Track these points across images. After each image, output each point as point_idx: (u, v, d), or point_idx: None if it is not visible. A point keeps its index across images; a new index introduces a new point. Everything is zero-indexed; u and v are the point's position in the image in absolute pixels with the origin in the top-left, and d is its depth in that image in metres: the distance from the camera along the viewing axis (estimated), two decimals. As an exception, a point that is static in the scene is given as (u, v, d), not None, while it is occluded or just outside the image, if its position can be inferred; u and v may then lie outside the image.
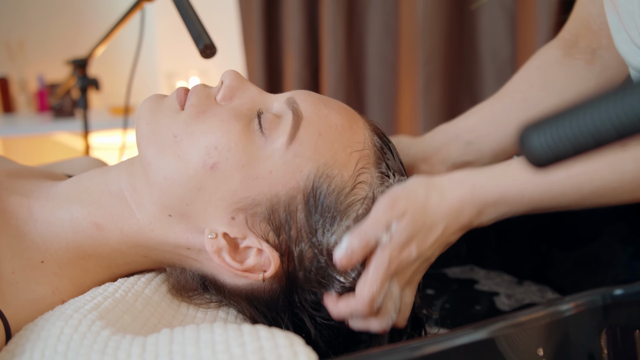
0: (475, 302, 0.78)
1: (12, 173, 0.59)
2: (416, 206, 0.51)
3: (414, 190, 0.52)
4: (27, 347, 0.44)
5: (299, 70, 1.84)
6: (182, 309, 0.53)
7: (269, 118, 0.52)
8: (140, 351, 0.42)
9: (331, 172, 0.52)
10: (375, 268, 0.51)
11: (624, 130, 0.24)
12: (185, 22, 0.77)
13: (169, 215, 0.52)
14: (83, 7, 2.59)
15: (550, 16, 1.25)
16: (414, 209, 0.51)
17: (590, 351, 0.47)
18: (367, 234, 0.50)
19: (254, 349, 0.41)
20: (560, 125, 0.26)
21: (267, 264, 0.52)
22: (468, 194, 0.52)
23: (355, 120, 0.56)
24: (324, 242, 0.51)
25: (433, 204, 0.52)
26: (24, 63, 2.50)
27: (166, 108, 0.54)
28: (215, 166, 0.50)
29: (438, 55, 1.50)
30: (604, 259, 0.73)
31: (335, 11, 1.68)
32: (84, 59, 1.29)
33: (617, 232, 0.73)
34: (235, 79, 0.55)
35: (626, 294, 0.47)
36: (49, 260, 0.52)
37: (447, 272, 0.87)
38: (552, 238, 0.81)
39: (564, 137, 0.26)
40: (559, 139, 0.26)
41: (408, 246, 0.52)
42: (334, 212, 0.51)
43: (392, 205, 0.51)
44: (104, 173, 0.57)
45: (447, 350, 0.43)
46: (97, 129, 2.18)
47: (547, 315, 0.46)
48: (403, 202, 0.51)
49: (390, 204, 0.51)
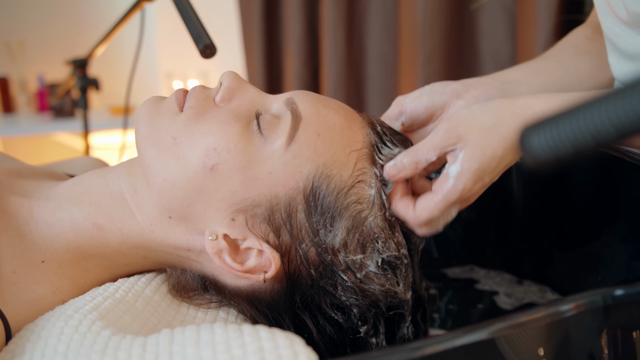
0: (477, 301, 0.78)
1: (13, 172, 0.59)
2: (481, 133, 0.50)
3: (480, 118, 0.51)
4: (27, 347, 0.44)
5: (299, 70, 1.84)
6: (182, 310, 0.53)
7: (267, 119, 0.52)
8: (141, 351, 0.42)
9: (330, 172, 0.52)
10: (444, 197, 0.51)
11: (624, 130, 0.24)
12: (185, 22, 0.77)
13: (169, 216, 0.52)
14: (83, 8, 2.59)
15: (550, 16, 1.25)
16: (478, 137, 0.50)
17: (591, 351, 0.47)
18: (418, 154, 0.51)
19: (255, 350, 0.41)
20: (560, 125, 0.26)
21: (268, 265, 0.52)
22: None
23: (354, 119, 0.56)
24: (328, 241, 0.51)
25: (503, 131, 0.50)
26: (24, 63, 2.50)
27: (165, 110, 0.54)
28: (214, 168, 0.50)
29: (438, 55, 1.50)
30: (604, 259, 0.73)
31: (335, 11, 1.68)
32: (84, 59, 1.29)
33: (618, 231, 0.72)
34: (234, 80, 0.55)
35: (627, 294, 0.47)
36: (49, 261, 0.52)
37: (447, 272, 0.87)
38: (552, 238, 0.81)
39: (564, 137, 0.26)
40: (559, 139, 0.26)
41: (482, 179, 0.51)
42: (334, 211, 0.51)
43: (450, 130, 0.50)
44: (104, 174, 0.57)
45: (447, 351, 0.43)
46: (97, 129, 2.18)
47: (547, 315, 0.46)
48: (463, 128, 0.50)
49: (449, 129, 0.50)
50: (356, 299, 0.53)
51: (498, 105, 0.52)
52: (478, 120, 0.51)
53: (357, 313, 0.53)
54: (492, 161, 0.51)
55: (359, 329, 0.53)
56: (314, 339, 0.53)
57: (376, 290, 0.53)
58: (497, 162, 0.51)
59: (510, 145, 0.51)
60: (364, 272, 0.52)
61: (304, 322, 0.54)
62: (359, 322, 0.53)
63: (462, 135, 0.50)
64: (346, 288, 0.52)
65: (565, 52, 0.71)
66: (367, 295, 0.53)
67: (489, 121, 0.51)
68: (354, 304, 0.53)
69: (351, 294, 0.52)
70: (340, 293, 0.53)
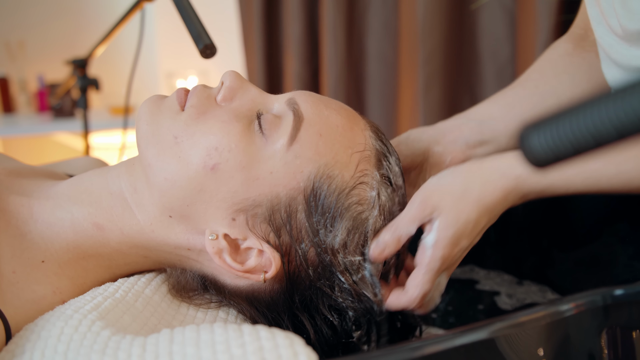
0: (477, 302, 0.78)
1: (12, 172, 0.59)
2: (453, 200, 0.52)
3: (450, 185, 0.52)
4: (27, 347, 0.44)
5: (299, 70, 1.84)
6: (182, 309, 0.53)
7: (269, 119, 0.52)
8: (141, 351, 0.42)
9: (332, 173, 0.52)
10: (428, 268, 0.52)
11: (624, 130, 0.24)
12: (185, 22, 0.77)
13: (169, 216, 0.52)
14: (83, 7, 2.59)
15: (550, 16, 1.25)
16: (450, 203, 0.51)
17: (591, 351, 0.47)
18: (399, 230, 0.52)
19: (254, 349, 0.41)
20: (560, 125, 0.26)
21: (268, 265, 0.52)
22: (512, 185, 0.52)
23: (356, 121, 0.56)
24: (327, 241, 0.51)
25: (474, 195, 0.52)
26: (24, 63, 2.50)
27: (166, 109, 0.54)
28: (215, 167, 0.50)
29: (438, 55, 1.50)
30: (604, 259, 0.73)
31: (335, 11, 1.67)
32: (84, 59, 1.29)
33: (618, 232, 0.72)
34: (235, 80, 0.55)
35: (626, 294, 0.47)
36: (49, 260, 0.52)
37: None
38: (552, 238, 0.81)
39: (564, 137, 0.26)
40: (559, 139, 0.26)
41: (459, 243, 0.52)
42: (334, 212, 0.51)
43: (424, 201, 0.52)
44: (104, 173, 0.57)
45: (447, 351, 0.43)
46: (97, 129, 2.18)
47: (547, 315, 0.46)
48: (436, 197, 0.52)
49: (423, 200, 0.52)
50: (352, 301, 0.53)
51: (466, 169, 0.53)
52: (449, 187, 0.52)
53: (352, 316, 0.53)
54: (467, 225, 0.52)
55: (352, 333, 0.54)
56: (312, 340, 0.53)
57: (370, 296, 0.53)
58: (473, 225, 0.53)
59: (484, 207, 0.52)
60: (360, 274, 0.53)
61: (302, 323, 0.54)
62: (353, 327, 0.54)
63: (436, 204, 0.52)
64: (343, 290, 0.53)
65: (544, 74, 0.71)
66: (362, 300, 0.53)
67: (459, 187, 0.52)
68: (350, 307, 0.53)
69: (347, 295, 0.53)
70: (337, 294, 0.53)
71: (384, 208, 0.54)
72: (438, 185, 0.53)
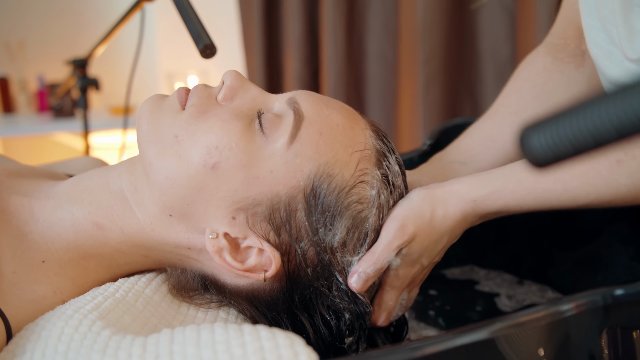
0: (476, 303, 0.78)
1: (12, 173, 0.59)
2: (424, 226, 0.54)
3: (420, 209, 0.55)
4: (27, 347, 0.44)
5: (299, 70, 1.84)
6: (182, 309, 0.53)
7: (269, 118, 0.53)
8: (141, 351, 0.42)
9: (332, 172, 0.52)
10: (391, 288, 0.56)
11: (624, 130, 0.24)
12: (185, 22, 0.77)
13: (169, 215, 0.52)
14: (83, 7, 2.59)
15: (551, 16, 1.25)
16: (422, 229, 0.54)
17: (591, 351, 0.47)
18: (379, 261, 0.53)
19: (255, 349, 0.41)
20: (560, 125, 0.26)
21: (268, 264, 0.52)
22: (470, 208, 0.55)
23: (356, 120, 0.56)
24: (327, 240, 0.51)
25: (438, 219, 0.55)
26: (24, 63, 2.50)
27: (167, 108, 0.54)
28: (216, 166, 0.50)
29: (438, 55, 1.50)
30: (604, 259, 0.73)
31: (335, 11, 1.68)
32: (84, 59, 1.29)
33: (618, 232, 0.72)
34: (236, 79, 0.55)
35: (627, 294, 0.47)
36: (50, 260, 0.52)
37: (447, 272, 0.87)
38: (552, 238, 0.81)
39: (564, 137, 0.26)
40: (559, 139, 0.26)
41: (419, 261, 0.56)
42: (334, 210, 0.51)
43: (402, 229, 0.53)
44: (104, 172, 0.57)
45: (447, 351, 0.43)
46: (97, 129, 2.18)
47: (547, 315, 0.46)
48: (412, 225, 0.54)
49: (401, 228, 0.53)
50: (348, 302, 0.53)
51: (431, 194, 0.56)
52: (420, 212, 0.55)
53: (348, 319, 0.53)
54: (429, 246, 0.56)
55: (345, 338, 0.54)
56: (312, 339, 0.53)
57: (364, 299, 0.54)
58: (434, 245, 0.56)
59: (445, 229, 0.56)
60: None
61: (301, 323, 0.54)
62: (347, 332, 0.54)
63: (414, 231, 0.54)
64: (340, 290, 0.53)
65: (522, 97, 0.71)
66: (357, 303, 0.54)
67: (428, 211, 0.55)
68: (346, 308, 0.53)
69: (344, 296, 0.53)
70: (335, 294, 0.53)
71: (383, 207, 0.54)
72: (410, 210, 0.54)
